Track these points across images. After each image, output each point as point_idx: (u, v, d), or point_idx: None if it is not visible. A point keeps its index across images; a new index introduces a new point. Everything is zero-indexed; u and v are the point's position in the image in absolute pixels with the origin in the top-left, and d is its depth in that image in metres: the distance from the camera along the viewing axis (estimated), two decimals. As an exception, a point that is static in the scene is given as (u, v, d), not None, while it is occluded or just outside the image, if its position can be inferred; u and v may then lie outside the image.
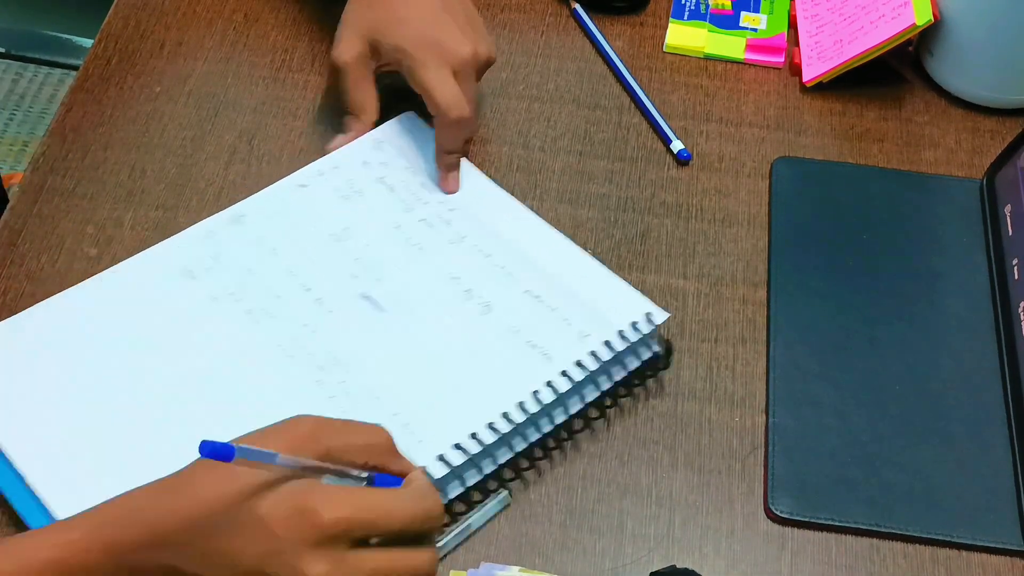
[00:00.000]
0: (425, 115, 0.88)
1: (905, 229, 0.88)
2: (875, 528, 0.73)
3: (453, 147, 0.86)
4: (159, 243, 0.83)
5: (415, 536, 0.63)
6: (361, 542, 0.61)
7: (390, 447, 0.65)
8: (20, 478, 0.71)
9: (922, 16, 0.91)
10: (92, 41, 0.98)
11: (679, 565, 0.71)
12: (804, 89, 0.97)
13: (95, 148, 0.91)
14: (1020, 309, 0.80)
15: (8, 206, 0.88)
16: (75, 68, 1.09)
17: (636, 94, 0.95)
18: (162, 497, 0.62)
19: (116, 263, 0.83)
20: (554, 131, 0.94)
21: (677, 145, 0.92)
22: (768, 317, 0.83)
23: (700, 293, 0.84)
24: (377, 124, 0.90)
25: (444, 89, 0.84)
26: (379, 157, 0.88)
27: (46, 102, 2.07)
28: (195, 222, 0.86)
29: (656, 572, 0.70)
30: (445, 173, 0.87)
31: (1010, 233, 0.84)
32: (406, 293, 0.80)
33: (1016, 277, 0.82)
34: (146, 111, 0.94)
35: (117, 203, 0.88)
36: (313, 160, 0.90)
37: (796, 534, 0.74)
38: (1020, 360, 0.78)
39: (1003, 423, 0.77)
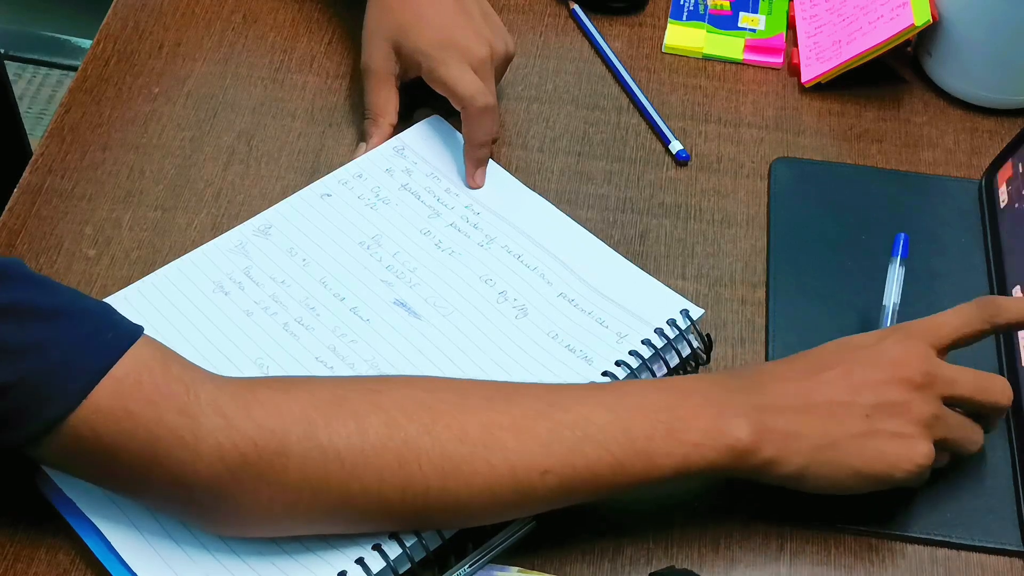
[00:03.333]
0: (448, 120, 0.90)
1: (904, 229, 0.87)
2: (874, 528, 0.73)
3: (482, 139, 0.87)
4: (187, 255, 0.82)
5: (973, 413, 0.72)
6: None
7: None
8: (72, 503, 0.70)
9: (920, 16, 0.91)
10: (91, 42, 0.98)
11: (678, 565, 0.71)
12: (803, 90, 0.97)
13: (93, 149, 0.91)
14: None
15: (7, 207, 0.87)
16: (74, 69, 1.09)
17: (635, 95, 0.95)
18: (784, 369, 0.71)
19: (115, 264, 0.83)
20: (553, 132, 0.94)
21: (676, 146, 0.92)
22: (767, 317, 0.83)
23: (699, 294, 0.84)
24: (398, 130, 0.90)
25: (465, 81, 0.85)
26: (401, 164, 0.89)
27: (45, 103, 2.07)
28: (193, 223, 0.86)
29: (655, 572, 0.70)
30: (473, 169, 0.87)
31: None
32: (441, 298, 0.80)
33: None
34: (145, 112, 0.94)
35: (116, 204, 0.88)
36: (312, 160, 0.90)
37: (795, 534, 0.74)
38: (1018, 360, 0.78)
39: (1002, 423, 0.77)
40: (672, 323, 0.78)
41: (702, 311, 0.79)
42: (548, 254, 0.83)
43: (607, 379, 0.75)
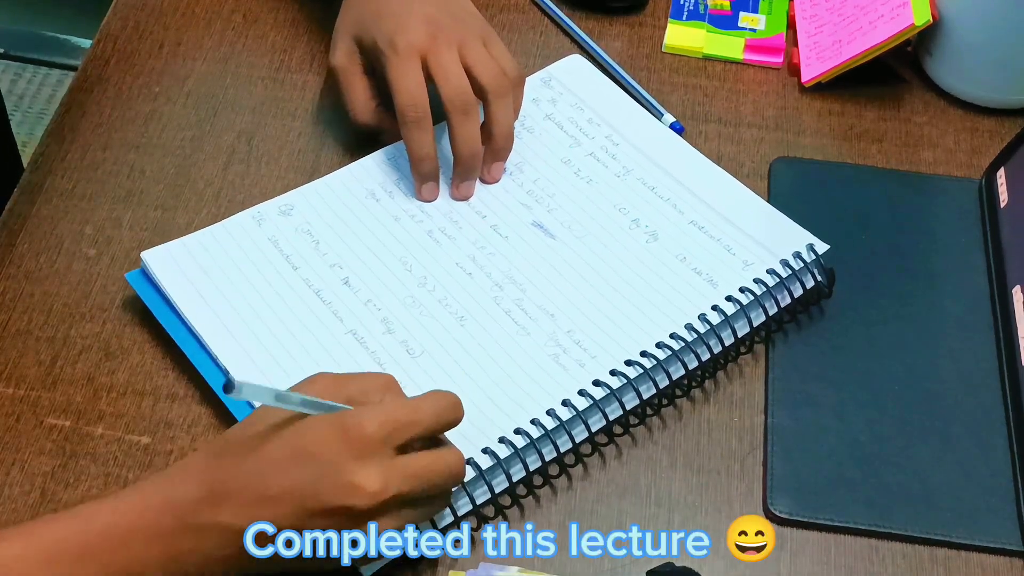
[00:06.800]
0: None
1: (904, 229, 0.88)
2: (874, 528, 0.73)
3: (417, 153, 0.84)
4: (345, 167, 0.87)
5: (440, 438, 0.68)
6: (400, 450, 0.65)
7: (395, 386, 0.69)
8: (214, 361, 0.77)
9: (921, 16, 0.91)
10: (91, 41, 0.98)
11: (677, 563, 0.71)
12: (803, 89, 0.97)
13: (94, 148, 0.91)
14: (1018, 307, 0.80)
15: (7, 207, 0.88)
16: (74, 68, 1.09)
17: (636, 91, 0.95)
18: (210, 454, 0.65)
19: (115, 264, 0.84)
20: (553, 131, 0.94)
21: (668, 119, 0.93)
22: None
23: (699, 293, 0.84)
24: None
25: (404, 89, 0.83)
26: (548, 94, 0.93)
27: (45, 102, 2.07)
28: (194, 222, 0.86)
29: (654, 570, 0.70)
30: (418, 183, 0.86)
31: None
32: (576, 222, 0.85)
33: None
34: (145, 111, 0.94)
35: (116, 203, 0.88)
36: (313, 160, 0.90)
37: (795, 534, 0.74)
38: (1018, 360, 0.78)
39: (1002, 423, 0.77)
40: (797, 256, 0.81)
41: (827, 246, 0.82)
42: (681, 186, 0.87)
43: (732, 304, 0.79)
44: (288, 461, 0.63)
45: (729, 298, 0.79)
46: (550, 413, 0.74)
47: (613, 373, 0.76)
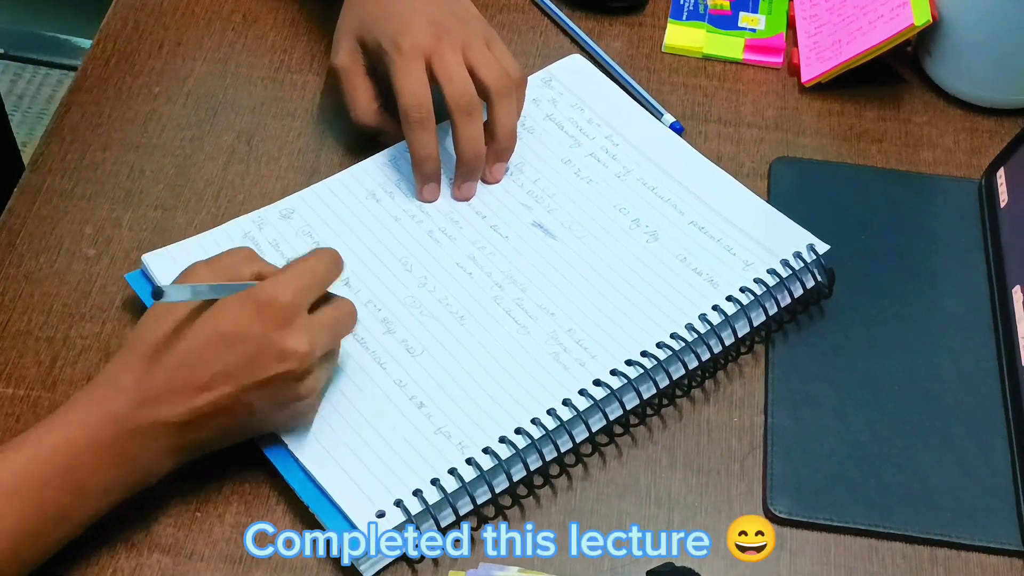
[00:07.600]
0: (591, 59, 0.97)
1: (904, 229, 0.88)
2: (874, 528, 0.73)
3: (420, 153, 0.84)
4: (345, 170, 0.87)
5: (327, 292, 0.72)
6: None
7: (255, 254, 0.73)
8: None
9: (920, 16, 0.91)
10: (91, 42, 0.98)
11: (677, 563, 0.71)
12: (803, 89, 0.97)
13: (94, 148, 0.91)
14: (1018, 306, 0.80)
15: (7, 207, 0.88)
16: (74, 69, 1.09)
17: (635, 91, 0.95)
18: (132, 361, 0.67)
19: (115, 264, 0.84)
20: (553, 131, 0.94)
21: (668, 119, 0.93)
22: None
23: (699, 293, 0.84)
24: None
25: (407, 89, 0.82)
26: (548, 94, 0.93)
27: (45, 102, 2.07)
28: (194, 222, 0.86)
29: (654, 570, 0.70)
30: (420, 184, 0.85)
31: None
32: (576, 222, 0.85)
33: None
34: (145, 111, 0.94)
35: (116, 204, 0.88)
36: (312, 160, 0.90)
37: (795, 534, 0.74)
38: (1018, 360, 0.78)
39: (1002, 423, 0.77)
40: (797, 256, 0.81)
41: (827, 246, 0.82)
42: (681, 186, 0.87)
43: (732, 304, 0.79)
44: (214, 347, 0.67)
45: (729, 298, 0.79)
46: (551, 413, 0.74)
47: (614, 373, 0.76)
